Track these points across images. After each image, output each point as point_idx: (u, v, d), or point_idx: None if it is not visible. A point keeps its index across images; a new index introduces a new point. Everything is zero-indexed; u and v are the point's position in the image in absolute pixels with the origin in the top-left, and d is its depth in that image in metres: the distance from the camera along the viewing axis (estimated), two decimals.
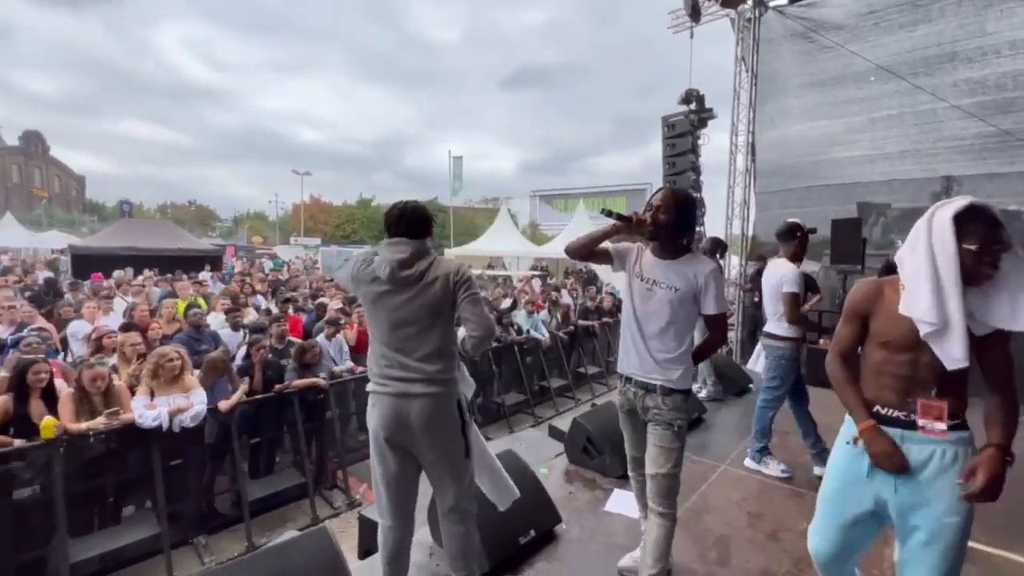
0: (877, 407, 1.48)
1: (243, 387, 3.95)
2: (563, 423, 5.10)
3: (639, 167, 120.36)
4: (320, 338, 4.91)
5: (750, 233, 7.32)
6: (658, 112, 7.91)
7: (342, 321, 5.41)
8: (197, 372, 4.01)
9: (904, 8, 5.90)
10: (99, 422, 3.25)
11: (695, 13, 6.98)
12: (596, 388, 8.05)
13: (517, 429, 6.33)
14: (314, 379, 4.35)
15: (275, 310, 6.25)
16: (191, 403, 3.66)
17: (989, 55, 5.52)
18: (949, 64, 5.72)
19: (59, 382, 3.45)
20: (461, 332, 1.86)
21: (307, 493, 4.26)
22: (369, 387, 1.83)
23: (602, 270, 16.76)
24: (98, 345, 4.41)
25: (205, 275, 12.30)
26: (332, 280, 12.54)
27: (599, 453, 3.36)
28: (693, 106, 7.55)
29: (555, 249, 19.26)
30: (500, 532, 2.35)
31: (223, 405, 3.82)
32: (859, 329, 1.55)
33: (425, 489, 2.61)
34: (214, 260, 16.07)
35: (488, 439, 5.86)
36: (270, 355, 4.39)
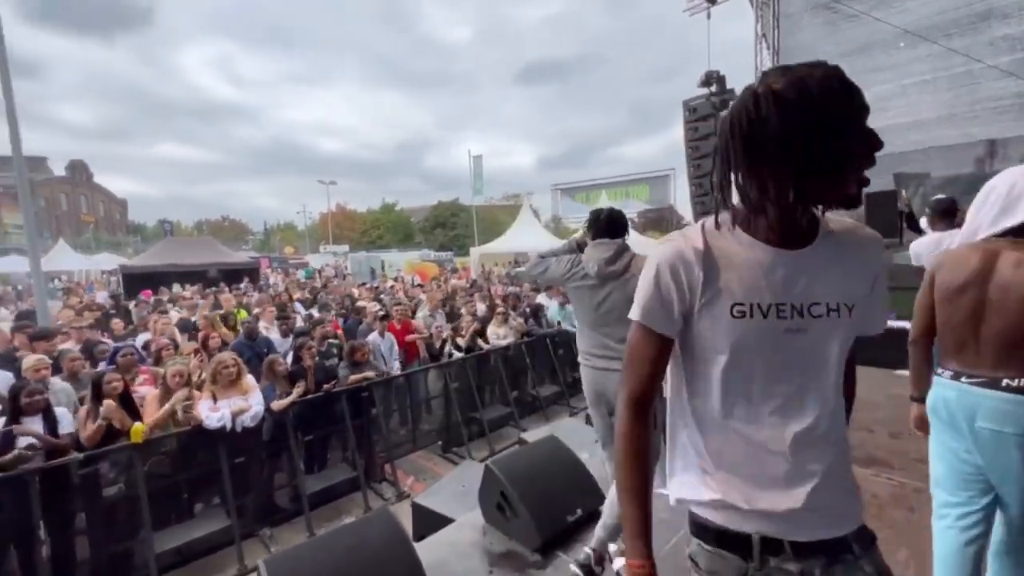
0: None
1: (298, 389, 4.19)
2: None
3: (660, 153, 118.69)
4: (372, 336, 5.12)
5: None
6: (676, 95, 7.84)
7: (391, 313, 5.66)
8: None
9: None
10: (174, 404, 3.55)
11: None
12: None
13: (554, 420, 6.45)
14: (363, 374, 4.58)
15: (317, 315, 6.55)
16: (250, 404, 3.93)
17: None
18: (983, 23, 5.48)
19: (148, 389, 3.78)
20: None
21: (359, 486, 4.48)
22: (579, 360, 2.23)
23: None
24: (158, 357, 4.75)
25: (245, 287, 12.88)
26: (364, 284, 12.93)
27: None
28: (714, 88, 7.45)
29: None
30: (550, 510, 2.47)
31: (276, 405, 4.07)
32: None
33: (475, 474, 2.76)
34: (252, 272, 16.78)
35: (524, 430, 6.02)
36: (316, 357, 4.64)
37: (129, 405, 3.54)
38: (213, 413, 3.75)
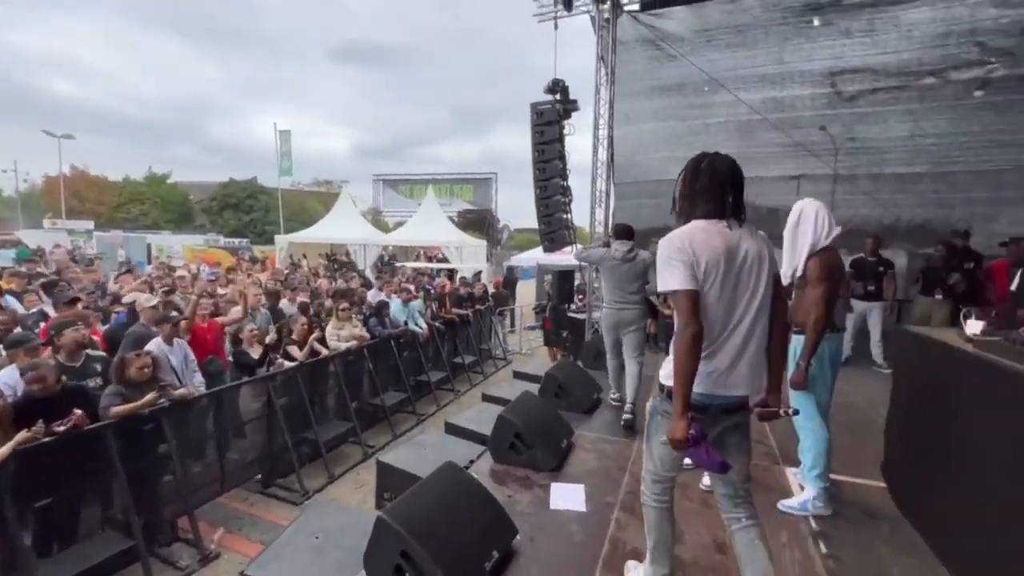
0: None
1: (22, 434, 2.66)
2: (454, 418, 4.77)
3: (479, 157, 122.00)
4: (155, 344, 3.64)
5: (611, 222, 7.90)
6: (496, 103, 7.97)
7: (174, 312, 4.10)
8: None
9: (730, 31, 6.91)
10: None
11: (568, 2, 7.14)
12: (473, 378, 7.87)
13: (400, 430, 5.78)
14: (145, 399, 3.21)
15: (53, 313, 4.46)
16: None
17: (786, 80, 6.83)
18: (759, 83, 6.92)
19: None
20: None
21: (138, 557, 3.14)
22: (603, 307, 3.96)
23: (463, 259, 16.46)
24: None
25: None
26: (129, 272, 9.81)
27: (528, 448, 3.15)
28: (559, 96, 7.76)
29: (404, 236, 18.41)
30: (463, 563, 1.97)
31: None
32: None
33: (330, 519, 2.17)
34: None
35: (370, 447, 5.23)
36: (64, 377, 3.08)
37: None
38: None
